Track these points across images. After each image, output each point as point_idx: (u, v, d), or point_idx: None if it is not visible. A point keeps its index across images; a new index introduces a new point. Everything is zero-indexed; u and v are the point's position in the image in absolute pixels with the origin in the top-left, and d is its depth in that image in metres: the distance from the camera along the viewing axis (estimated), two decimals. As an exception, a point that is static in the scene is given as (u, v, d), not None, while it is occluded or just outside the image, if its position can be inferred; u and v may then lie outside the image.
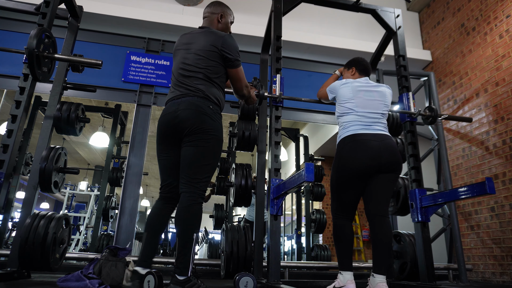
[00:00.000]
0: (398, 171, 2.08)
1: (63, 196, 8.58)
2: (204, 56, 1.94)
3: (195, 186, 1.78)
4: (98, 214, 4.90)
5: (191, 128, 1.80)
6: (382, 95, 2.21)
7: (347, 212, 2.09)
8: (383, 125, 2.14)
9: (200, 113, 1.82)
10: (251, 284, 1.95)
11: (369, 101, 2.17)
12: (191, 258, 1.72)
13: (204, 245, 7.44)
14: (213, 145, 1.84)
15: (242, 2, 4.53)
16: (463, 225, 4.01)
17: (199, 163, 1.80)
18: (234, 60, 1.98)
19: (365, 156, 2.00)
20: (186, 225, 1.75)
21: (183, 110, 1.83)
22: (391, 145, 2.06)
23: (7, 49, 2.42)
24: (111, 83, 3.86)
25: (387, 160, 2.01)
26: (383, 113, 2.17)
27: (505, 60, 3.64)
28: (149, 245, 1.90)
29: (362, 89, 2.20)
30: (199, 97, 1.86)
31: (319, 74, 4.49)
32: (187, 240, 1.73)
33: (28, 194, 2.48)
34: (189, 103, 1.84)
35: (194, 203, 1.78)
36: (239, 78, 2.03)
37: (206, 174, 1.83)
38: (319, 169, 5.50)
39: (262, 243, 2.58)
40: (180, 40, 2.14)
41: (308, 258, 5.20)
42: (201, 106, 1.84)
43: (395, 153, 2.05)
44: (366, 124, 2.09)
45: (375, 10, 2.96)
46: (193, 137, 1.81)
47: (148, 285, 1.77)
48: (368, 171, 2.01)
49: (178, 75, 1.98)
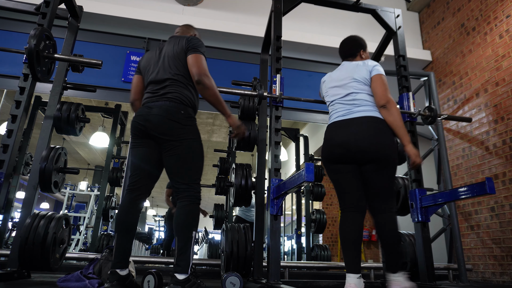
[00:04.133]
0: (378, 160, 1.83)
1: (63, 196, 8.58)
2: (175, 58, 1.97)
3: (189, 190, 1.84)
4: (98, 214, 4.90)
5: (163, 135, 1.84)
6: (349, 70, 2.07)
7: (343, 201, 1.92)
8: (356, 106, 1.94)
9: (171, 120, 1.84)
10: (238, 283, 1.98)
11: (336, 88, 2.08)
12: (190, 256, 1.74)
13: (204, 245, 7.44)
14: (191, 150, 1.87)
15: (242, 2, 4.53)
16: (463, 225, 4.01)
17: (185, 170, 1.86)
18: (192, 48, 1.95)
19: (330, 144, 1.94)
20: (185, 224, 1.78)
21: (155, 115, 1.85)
22: (364, 131, 1.85)
23: (7, 49, 2.42)
24: (111, 83, 3.86)
25: (357, 148, 1.84)
26: (353, 90, 1.99)
27: (505, 60, 3.64)
28: (122, 245, 1.85)
29: (332, 77, 2.17)
30: (171, 101, 1.88)
31: (319, 74, 4.49)
32: (186, 239, 1.75)
33: (28, 194, 2.47)
34: (161, 109, 1.86)
35: (191, 203, 1.83)
36: (198, 64, 1.91)
37: (195, 177, 1.89)
38: (319, 169, 5.50)
39: (262, 243, 2.58)
40: (150, 53, 2.15)
41: (308, 258, 5.20)
42: (172, 112, 1.85)
43: (370, 140, 1.83)
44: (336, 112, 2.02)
45: (375, 10, 2.96)
46: (170, 146, 1.85)
47: (148, 285, 1.77)
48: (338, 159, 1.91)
49: (151, 81, 2.00)
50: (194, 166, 1.89)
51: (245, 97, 3.14)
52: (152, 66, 2.04)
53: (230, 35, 4.22)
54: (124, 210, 1.89)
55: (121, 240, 1.85)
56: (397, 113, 1.89)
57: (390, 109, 1.88)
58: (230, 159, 5.04)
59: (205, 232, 7.45)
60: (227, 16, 4.39)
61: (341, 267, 4.15)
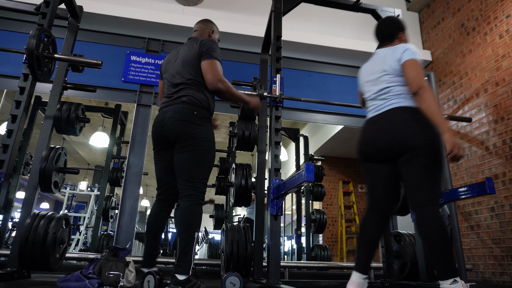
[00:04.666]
0: (406, 151, 1.68)
1: (63, 196, 8.58)
2: (189, 63, 2.01)
3: (193, 189, 1.86)
4: (98, 214, 4.90)
5: (177, 136, 1.90)
6: (380, 61, 1.90)
7: (367, 201, 1.88)
8: (387, 101, 1.82)
9: (184, 121, 1.90)
10: (238, 283, 1.99)
11: (369, 83, 1.94)
12: (192, 257, 1.75)
13: (204, 245, 7.44)
14: (201, 149, 1.91)
15: (242, 2, 4.53)
16: (463, 225, 4.01)
17: (192, 168, 1.88)
18: (205, 54, 1.98)
19: (359, 142, 1.87)
20: (187, 225, 1.80)
21: (169, 118, 1.93)
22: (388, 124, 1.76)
23: (7, 49, 2.42)
24: (111, 83, 3.85)
25: (383, 143, 1.75)
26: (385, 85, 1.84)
27: (505, 60, 3.64)
28: (149, 247, 2.04)
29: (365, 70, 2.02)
30: (184, 104, 1.93)
31: (319, 74, 4.49)
32: (188, 240, 1.77)
33: (28, 194, 2.47)
34: (174, 112, 1.93)
35: (193, 204, 1.84)
36: (212, 70, 1.95)
37: (201, 176, 1.91)
38: (319, 169, 5.50)
39: (262, 243, 2.58)
40: (169, 56, 2.23)
41: (308, 258, 5.20)
42: (185, 114, 1.91)
43: (393, 132, 1.72)
44: (368, 110, 1.93)
45: (375, 10, 2.96)
46: (181, 144, 1.90)
47: (148, 285, 1.78)
48: (367, 157, 1.84)
49: (168, 85, 2.06)
50: (202, 165, 1.92)
51: (245, 97, 3.14)
52: (169, 69, 2.10)
53: (230, 35, 4.22)
54: (152, 216, 2.06)
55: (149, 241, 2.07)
56: (430, 99, 1.68)
57: (422, 95, 1.69)
58: (230, 159, 5.05)
59: (205, 232, 7.45)
60: (227, 16, 4.39)
61: (341, 267, 4.16)
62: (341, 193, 7.54)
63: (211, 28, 2.27)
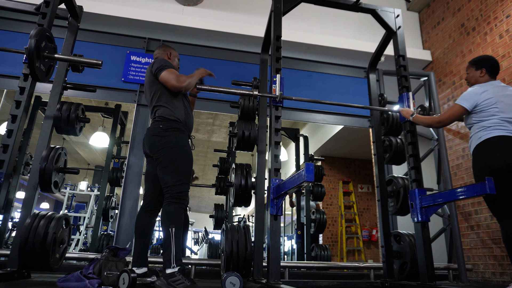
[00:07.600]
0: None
1: (63, 196, 8.58)
2: (150, 86, 2.28)
3: (169, 192, 2.09)
4: (98, 214, 4.90)
5: (150, 150, 2.21)
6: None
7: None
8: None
9: (152, 136, 2.20)
10: (238, 283, 2.01)
11: (510, 106, 2.25)
12: (172, 251, 1.91)
13: (204, 245, 7.44)
14: (170, 157, 2.13)
15: (242, 2, 4.53)
16: (463, 225, 4.01)
17: (165, 174, 2.12)
18: (157, 71, 2.22)
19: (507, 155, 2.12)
20: (163, 223, 2.00)
21: (145, 136, 2.28)
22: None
23: (7, 49, 2.42)
24: (111, 83, 3.85)
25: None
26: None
27: (505, 60, 3.64)
28: (138, 247, 2.21)
29: (502, 93, 2.28)
30: (153, 122, 2.25)
31: (319, 74, 4.49)
32: (166, 236, 1.96)
33: (28, 194, 2.48)
34: (148, 130, 2.28)
35: (166, 204, 2.06)
36: (165, 81, 2.21)
37: (174, 179, 2.10)
38: (319, 169, 5.50)
39: (262, 243, 2.58)
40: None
41: (308, 258, 5.20)
42: (153, 129, 2.22)
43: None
44: (509, 130, 2.19)
45: (375, 10, 2.96)
46: (155, 156, 2.18)
47: (123, 281, 1.84)
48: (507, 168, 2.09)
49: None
50: (173, 170, 2.12)
51: (245, 97, 3.15)
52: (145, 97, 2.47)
53: (230, 35, 4.22)
54: (139, 221, 2.27)
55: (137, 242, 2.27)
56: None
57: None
58: (230, 159, 5.04)
59: (205, 232, 7.45)
60: (227, 16, 4.39)
61: (341, 267, 4.16)
62: (341, 193, 7.55)
63: (168, 51, 2.50)
